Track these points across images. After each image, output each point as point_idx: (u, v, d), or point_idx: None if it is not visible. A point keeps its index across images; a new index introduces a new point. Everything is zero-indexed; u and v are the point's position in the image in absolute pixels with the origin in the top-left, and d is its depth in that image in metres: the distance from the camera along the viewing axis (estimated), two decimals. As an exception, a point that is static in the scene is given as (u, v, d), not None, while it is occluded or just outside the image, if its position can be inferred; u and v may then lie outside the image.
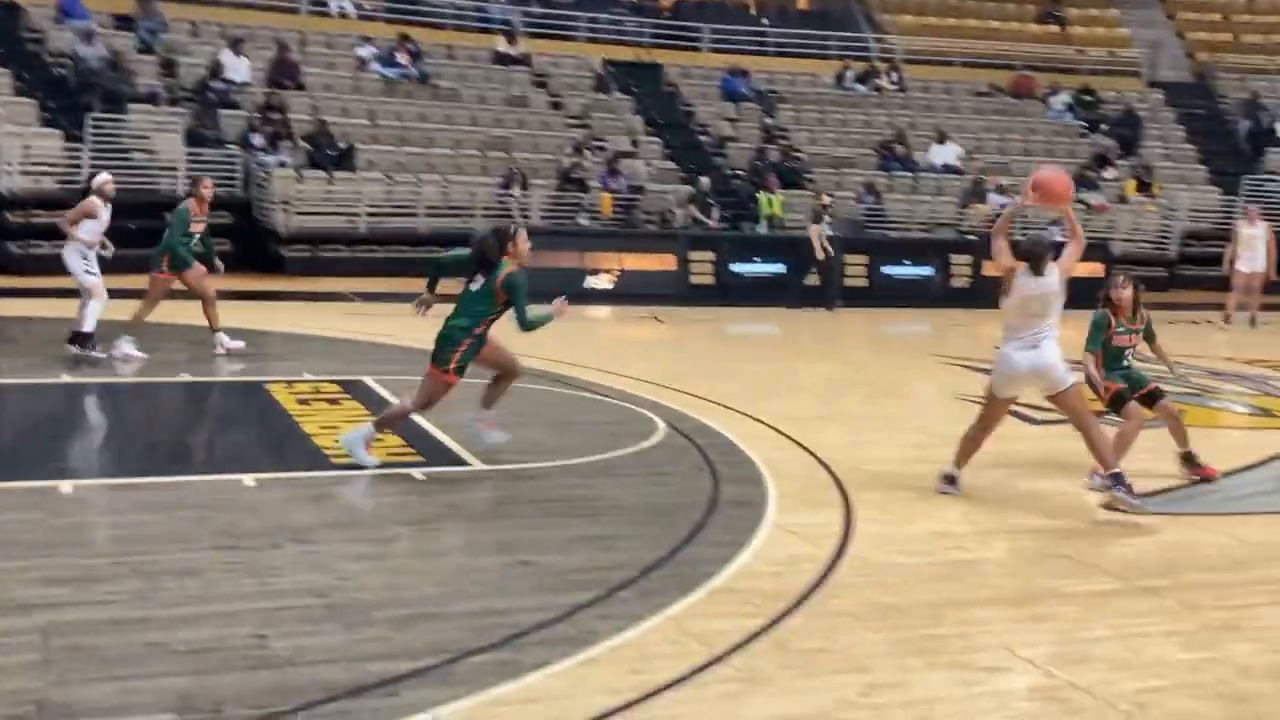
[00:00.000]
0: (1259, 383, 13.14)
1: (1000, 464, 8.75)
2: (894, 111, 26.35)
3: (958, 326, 17.92)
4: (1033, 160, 25.35)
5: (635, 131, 24.06)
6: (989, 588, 6.06)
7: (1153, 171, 25.13)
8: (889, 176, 23.83)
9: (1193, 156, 26.75)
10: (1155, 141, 26.86)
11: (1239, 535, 7.18)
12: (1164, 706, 4.71)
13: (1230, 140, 27.61)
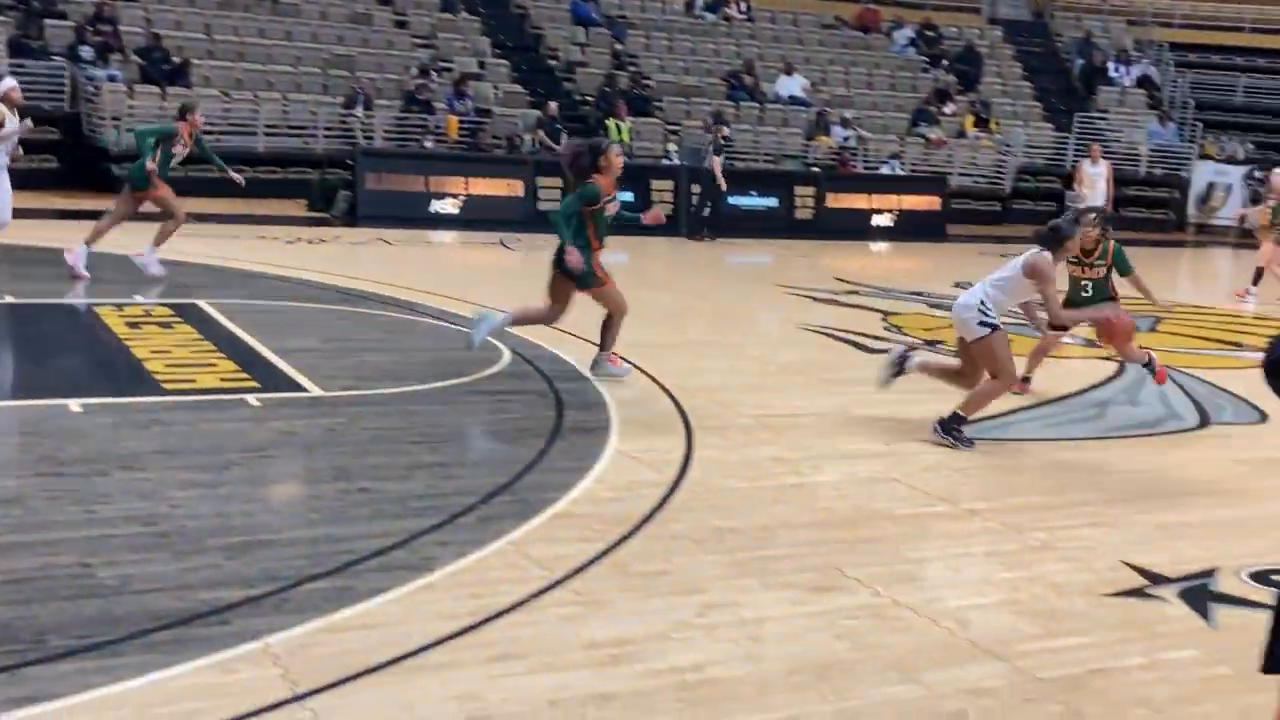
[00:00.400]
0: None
1: (836, 392, 8.95)
2: (742, 41, 26.43)
3: (802, 257, 18.20)
4: (876, 94, 25.79)
5: (483, 53, 23.67)
6: (821, 511, 6.21)
7: (990, 108, 25.75)
8: (737, 106, 23.94)
9: (1029, 94, 27.48)
10: (994, 78, 27.50)
11: (1057, 460, 7.49)
12: (984, 623, 4.91)
13: (1064, 78, 28.43)
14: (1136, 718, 4.18)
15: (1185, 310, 14.21)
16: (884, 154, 23.53)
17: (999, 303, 7.65)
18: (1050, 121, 26.44)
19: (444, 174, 19.55)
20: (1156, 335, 12.47)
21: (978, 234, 22.21)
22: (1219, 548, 5.97)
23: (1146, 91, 28.04)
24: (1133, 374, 10.16)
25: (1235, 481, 7.29)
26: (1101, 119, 26.50)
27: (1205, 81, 29.24)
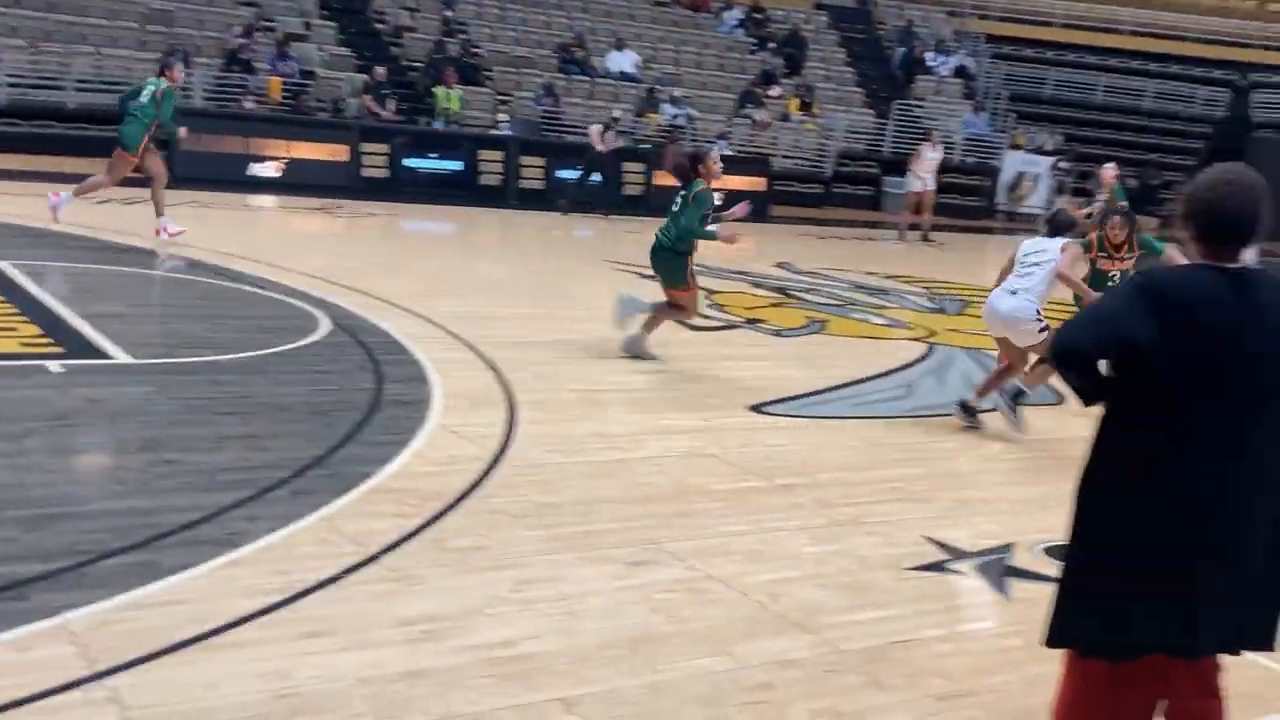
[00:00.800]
0: (898, 296, 14.07)
1: (660, 369, 9.04)
2: (574, 15, 26.35)
3: (630, 233, 18.26)
4: (705, 73, 26.03)
5: (308, 14, 23.06)
6: (641, 486, 6.26)
7: (814, 92, 26.24)
8: (568, 80, 23.87)
9: (851, 79, 28.09)
10: (818, 63, 28.03)
11: (866, 437, 7.71)
12: (793, 596, 5.03)
13: (885, 66, 29.15)
14: (934, 688, 4.34)
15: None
16: (712, 134, 23.76)
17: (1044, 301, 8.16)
18: (871, 108, 27.09)
19: (264, 136, 19.01)
20: (966, 318, 12.94)
21: (800, 216, 22.67)
22: (1015, 523, 6.24)
23: (963, 81, 28.95)
24: (939, 356, 10.52)
25: (1031, 459, 7.63)
26: (919, 107, 27.27)
27: (1018, 74, 30.37)
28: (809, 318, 11.94)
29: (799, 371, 9.41)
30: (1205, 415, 3.01)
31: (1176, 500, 3.02)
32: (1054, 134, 29.10)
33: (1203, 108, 30.64)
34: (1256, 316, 3.02)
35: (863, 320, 12.31)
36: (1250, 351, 3.00)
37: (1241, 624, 3.13)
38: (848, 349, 10.62)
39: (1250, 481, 3.04)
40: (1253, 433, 3.03)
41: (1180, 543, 3.03)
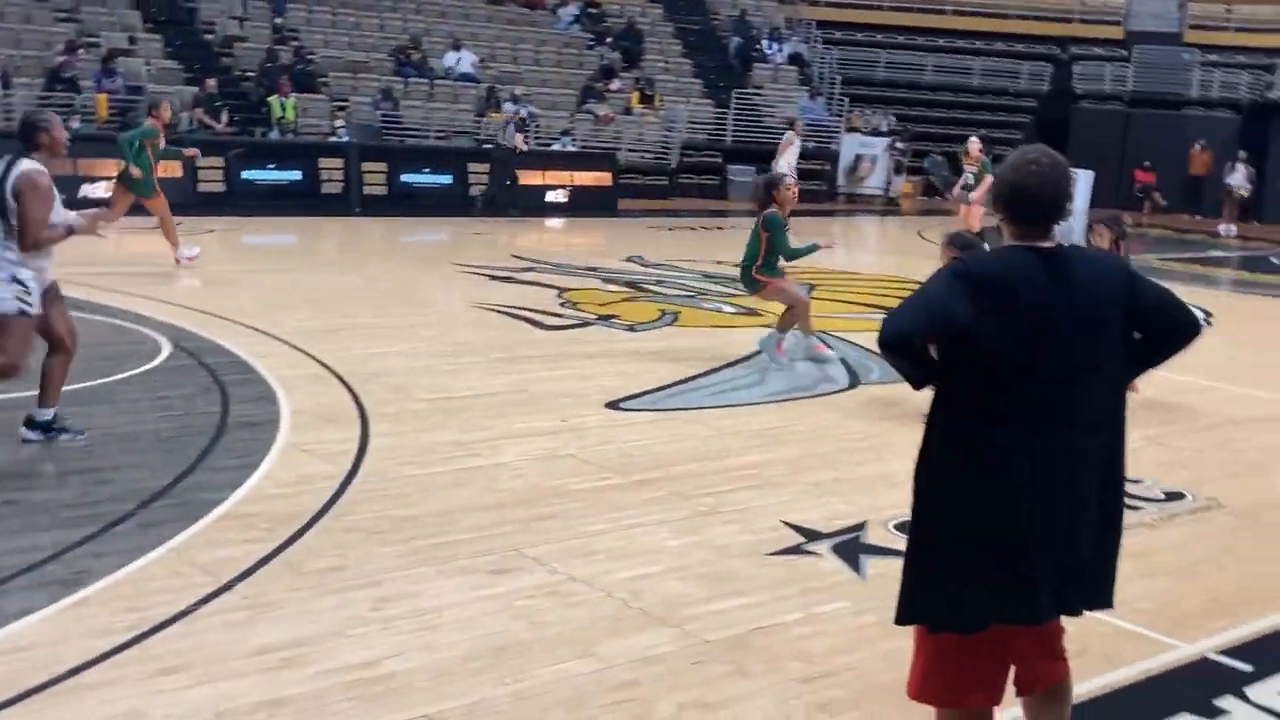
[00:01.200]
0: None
1: (513, 370, 9.01)
2: (408, 17, 26.06)
3: (476, 235, 18.16)
4: (544, 70, 26.01)
5: (132, 28, 22.37)
6: (500, 492, 6.24)
7: (654, 84, 26.42)
8: (405, 83, 23.60)
9: (689, 71, 28.34)
10: (656, 55, 28.21)
11: (721, 427, 7.80)
12: (655, 591, 5.07)
13: (722, 56, 29.47)
14: (794, 670, 4.42)
15: (836, 276, 15.04)
16: (555, 131, 23.76)
17: None
18: (710, 98, 27.37)
19: (94, 156, 18.36)
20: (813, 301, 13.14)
21: (648, 208, 22.80)
22: (867, 501, 6.39)
23: (798, 68, 29.45)
24: (790, 341, 10.69)
25: (881, 438, 7.80)
26: (757, 95, 27.64)
27: (850, 58, 30.99)
28: (661, 310, 12.02)
29: (654, 365, 9.47)
30: (1024, 395, 3.09)
31: (999, 479, 3.12)
32: (888, 115, 29.80)
33: (1028, 82, 31.67)
34: (1069, 295, 3.10)
35: (714, 310, 12.44)
36: (1065, 330, 3.09)
37: (1078, 587, 3.26)
38: (701, 339, 10.72)
39: (1071, 457, 3.15)
40: (1071, 409, 3.12)
41: (1008, 520, 3.12)
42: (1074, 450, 3.15)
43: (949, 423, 3.19)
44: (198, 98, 20.45)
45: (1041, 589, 3.16)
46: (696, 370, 9.37)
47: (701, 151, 26.10)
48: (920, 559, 3.25)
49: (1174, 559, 5.90)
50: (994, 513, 3.12)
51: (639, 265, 15.30)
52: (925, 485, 3.24)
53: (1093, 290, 3.14)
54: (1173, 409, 9.06)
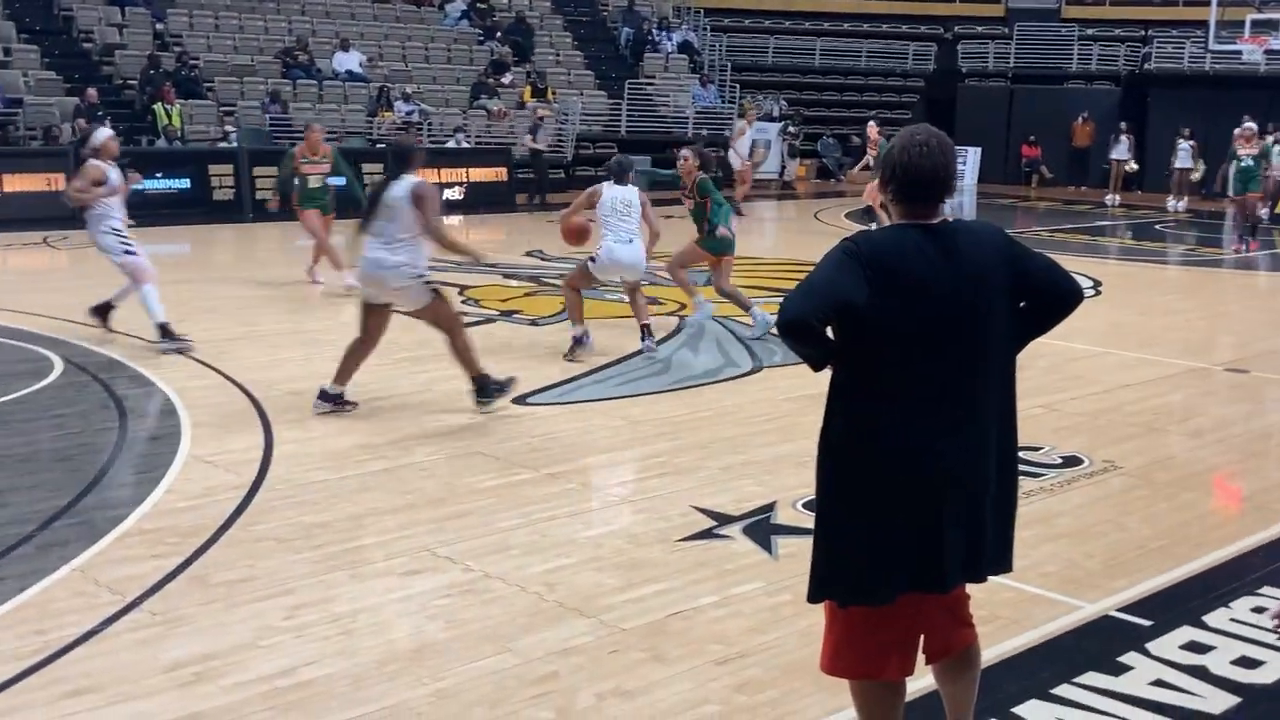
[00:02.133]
0: (649, 273, 14.23)
1: (418, 370, 8.95)
2: (293, 18, 25.66)
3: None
4: (435, 68, 25.81)
5: (6, 39, 21.72)
6: (410, 493, 6.20)
7: (546, 77, 26.34)
8: (293, 85, 23.24)
9: (581, 63, 28.31)
10: (547, 49, 28.13)
11: (629, 416, 7.83)
12: (571, 583, 5.08)
13: (613, 47, 29.49)
14: (712, 653, 4.46)
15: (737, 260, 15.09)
16: (449, 128, 23.58)
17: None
18: (603, 89, 27.37)
19: (-25, 172, 17.85)
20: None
21: (546, 202, 22.70)
22: (776, 482, 6.46)
23: (688, 57, 29.57)
24: (690, 327, 10.76)
25: (788, 419, 7.89)
26: (650, 84, 27.71)
27: (739, 45, 31.20)
28: (564, 304, 11.98)
29: (559, 359, 9.46)
30: (919, 369, 3.15)
31: (898, 454, 3.18)
32: (779, 100, 30.06)
33: (914, 63, 32.14)
34: (958, 268, 3.16)
35: (617, 301, 12.43)
36: (955, 303, 3.14)
37: (981, 554, 3.34)
38: (604, 330, 10.71)
39: (968, 427, 3.21)
40: (965, 380, 3.19)
41: (909, 493, 3.19)
42: (970, 421, 3.22)
43: (848, 401, 3.25)
44: (79, 108, 19.93)
45: (947, 557, 3.23)
46: (602, 362, 9.39)
47: (597, 143, 26.09)
48: (827, 537, 3.30)
49: (1074, 522, 6.06)
50: (895, 486, 3.18)
51: (540, 259, 15.26)
52: (827, 464, 3.29)
53: (979, 262, 3.20)
54: (1067, 376, 9.29)
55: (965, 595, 3.53)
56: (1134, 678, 4.36)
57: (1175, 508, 6.36)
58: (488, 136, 24.23)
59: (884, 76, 32.15)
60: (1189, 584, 5.32)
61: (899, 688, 3.42)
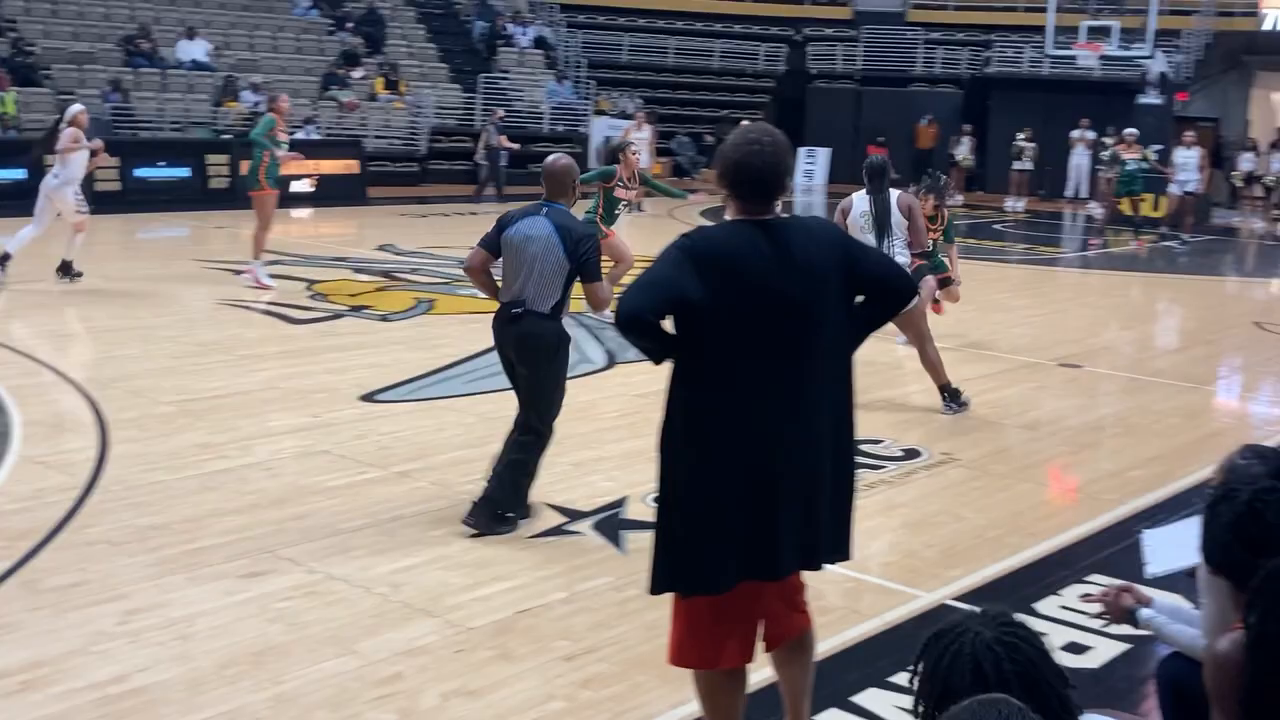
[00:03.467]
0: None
1: (262, 367, 8.75)
2: (136, 5, 24.82)
3: (219, 228, 17.50)
4: (283, 58, 25.26)
5: None
6: (252, 494, 6.05)
7: (398, 70, 25.99)
8: (136, 73, 22.49)
9: (434, 56, 28.00)
10: (399, 40, 27.75)
11: (482, 413, 7.76)
12: (417, 583, 5.02)
13: (467, 40, 29.23)
14: (559, 650, 4.46)
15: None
16: (298, 119, 23.09)
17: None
18: (457, 83, 27.12)
19: None
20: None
21: (398, 195, 22.42)
22: (626, 477, 6.49)
23: (544, 52, 29.48)
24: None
25: (639, 414, 7.92)
26: (504, 78, 27.56)
27: (595, 41, 31.21)
28: (416, 299, 11.87)
29: (410, 355, 9.35)
30: (754, 362, 3.22)
31: (733, 445, 3.23)
32: (635, 97, 30.16)
33: (765, 63, 32.57)
34: (790, 263, 3.23)
35: (471, 296, 12.33)
36: (788, 296, 3.22)
37: (815, 543, 3.40)
38: (458, 326, 10.63)
39: (803, 418, 3.28)
40: (800, 372, 3.26)
41: (745, 483, 3.24)
42: (805, 411, 3.28)
43: (686, 394, 3.28)
44: (-97, 93, 18.98)
45: (781, 545, 3.29)
46: (455, 358, 9.30)
47: (451, 137, 25.84)
48: (668, 526, 3.33)
49: (912, 513, 6.22)
50: (731, 475, 3.23)
51: (392, 254, 15.05)
52: (667, 456, 3.32)
53: (812, 257, 3.27)
54: (907, 370, 9.53)
55: (800, 583, 3.59)
56: (968, 664, 4.48)
57: (1010, 498, 6.57)
58: (339, 128, 23.81)
59: (736, 76, 32.50)
60: (1022, 572, 5.50)
61: (740, 674, 3.47)
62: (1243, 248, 22.05)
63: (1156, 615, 3.37)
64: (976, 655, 2.08)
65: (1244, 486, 2.76)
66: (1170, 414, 8.63)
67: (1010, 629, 2.13)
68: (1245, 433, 8.13)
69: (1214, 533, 2.75)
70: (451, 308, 11.60)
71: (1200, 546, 2.81)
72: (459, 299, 12.10)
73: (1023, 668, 2.08)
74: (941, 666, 2.11)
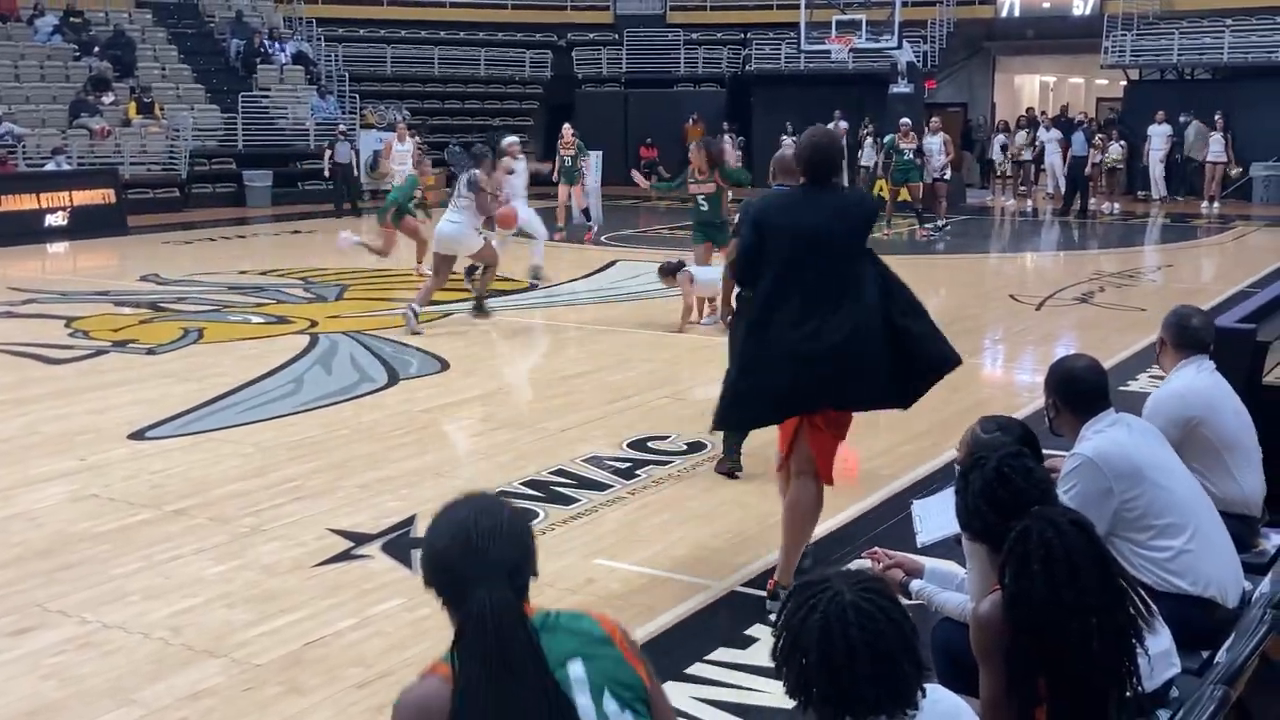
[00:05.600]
0: (275, 291, 13.82)
1: (22, 412, 8.29)
2: None
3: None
4: (27, 87, 23.98)
5: None
6: (15, 546, 5.72)
7: (152, 92, 25.01)
8: None
9: (189, 76, 27.05)
10: (151, 63, 26.70)
11: (259, 442, 7.52)
12: (199, 623, 4.84)
13: (223, 59, 28.35)
14: (351, 677, 4.36)
15: (365, 275, 14.90)
16: (46, 150, 21.96)
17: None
18: (216, 103, 26.27)
19: None
20: (346, 302, 13.01)
21: (161, 223, 21.53)
22: (415, 495, 6.40)
23: (304, 67, 28.81)
24: (323, 345, 10.51)
25: (424, 430, 7.83)
26: (265, 96, 26.83)
27: (356, 54, 30.67)
28: (184, 329, 11.43)
29: (180, 387, 9.00)
30: (795, 275, 4.71)
31: (785, 331, 4.69)
32: (402, 109, 29.79)
33: (532, 70, 32.63)
34: (821, 213, 4.76)
35: (242, 322, 11.98)
36: (818, 235, 4.72)
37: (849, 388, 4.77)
38: (229, 354, 10.29)
39: (826, 311, 4.65)
40: (830, 279, 4.69)
41: (784, 355, 4.69)
42: (827, 307, 4.66)
43: (756, 305, 4.84)
44: None
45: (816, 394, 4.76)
46: (227, 387, 8.99)
47: (213, 160, 25.01)
48: (729, 384, 4.93)
49: (700, 505, 6.33)
50: (792, 348, 4.68)
51: (156, 284, 14.45)
52: (740, 341, 4.98)
53: (839, 209, 4.82)
54: (691, 364, 9.70)
55: (849, 419, 5.04)
56: (760, 649, 4.59)
57: (792, 482, 6.74)
58: (91, 157, 22.76)
59: (504, 84, 32.47)
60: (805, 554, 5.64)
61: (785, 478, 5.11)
62: (995, 226, 23.23)
63: (926, 585, 3.52)
64: (828, 616, 2.09)
65: (991, 454, 2.90)
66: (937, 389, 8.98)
67: (871, 596, 2.11)
68: (1007, 400, 8.55)
69: (967, 501, 2.88)
70: (221, 335, 11.21)
71: (957, 515, 2.94)
72: (229, 325, 11.72)
73: (872, 637, 2.07)
74: (795, 620, 2.12)
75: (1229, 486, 4.24)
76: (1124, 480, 3.57)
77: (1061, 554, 2.53)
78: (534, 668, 2.06)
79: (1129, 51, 27.39)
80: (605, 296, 13.73)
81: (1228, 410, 4.36)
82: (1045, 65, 35.75)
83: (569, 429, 7.77)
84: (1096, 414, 3.73)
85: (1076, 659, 2.51)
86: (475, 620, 2.09)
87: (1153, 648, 2.75)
